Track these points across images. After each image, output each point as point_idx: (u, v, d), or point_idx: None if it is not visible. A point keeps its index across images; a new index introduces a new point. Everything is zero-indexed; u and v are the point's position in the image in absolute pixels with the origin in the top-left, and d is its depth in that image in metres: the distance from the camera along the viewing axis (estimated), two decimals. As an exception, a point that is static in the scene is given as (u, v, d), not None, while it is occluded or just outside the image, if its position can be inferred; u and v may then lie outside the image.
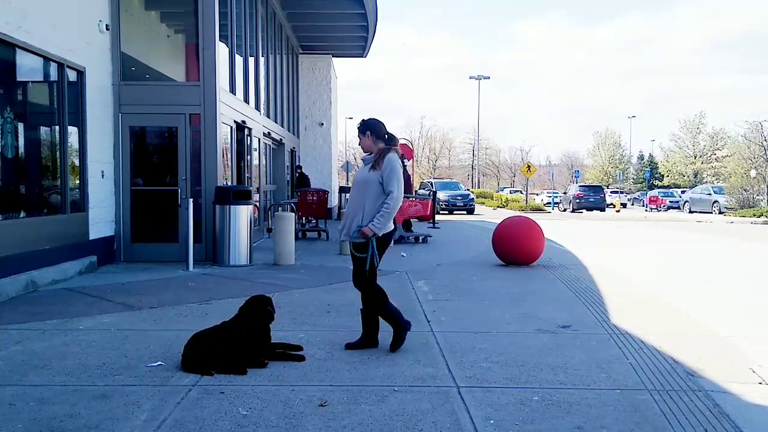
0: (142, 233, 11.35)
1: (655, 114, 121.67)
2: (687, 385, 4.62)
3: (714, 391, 4.50)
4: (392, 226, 5.52)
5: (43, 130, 9.51)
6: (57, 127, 9.39)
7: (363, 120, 5.67)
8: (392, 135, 5.65)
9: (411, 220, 16.68)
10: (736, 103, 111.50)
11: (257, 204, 15.01)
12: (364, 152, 5.64)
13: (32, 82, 9.17)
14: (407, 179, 16.38)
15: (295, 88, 23.21)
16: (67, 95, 9.47)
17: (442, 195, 30.75)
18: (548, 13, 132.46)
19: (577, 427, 3.85)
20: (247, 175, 14.69)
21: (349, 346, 5.56)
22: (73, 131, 9.76)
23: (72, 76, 9.66)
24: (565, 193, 45.72)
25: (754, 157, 37.60)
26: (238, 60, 13.90)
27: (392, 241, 5.68)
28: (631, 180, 77.45)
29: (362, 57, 26.40)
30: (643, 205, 48.14)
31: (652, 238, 18.41)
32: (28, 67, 8.79)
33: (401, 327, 5.51)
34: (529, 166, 36.35)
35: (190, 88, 11.54)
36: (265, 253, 12.00)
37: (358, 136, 5.63)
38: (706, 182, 56.65)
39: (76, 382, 4.62)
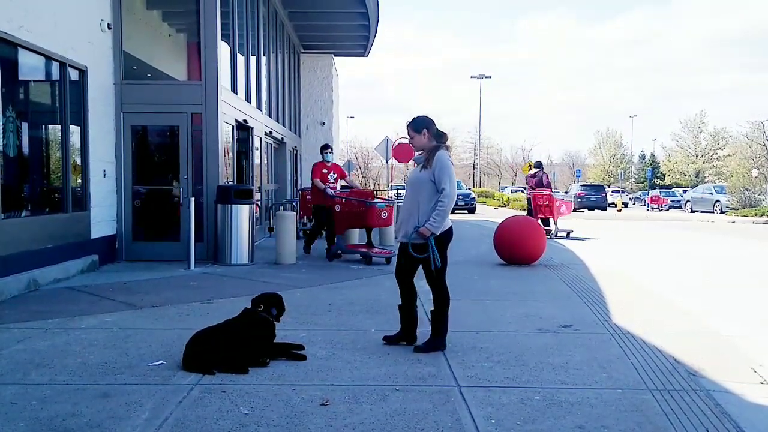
0: (144, 232, 11.36)
1: (657, 113, 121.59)
2: (688, 385, 4.62)
3: (715, 391, 4.50)
4: (449, 224, 5.46)
5: (45, 129, 9.53)
6: (59, 126, 9.40)
7: (417, 118, 5.55)
8: (442, 132, 5.56)
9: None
10: (738, 101, 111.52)
11: (258, 203, 15.01)
12: (416, 150, 5.55)
13: (34, 81, 9.18)
14: (548, 183, 17.29)
15: (296, 87, 23.21)
16: (69, 94, 9.48)
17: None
18: (549, 11, 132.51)
19: (578, 427, 3.85)
20: (250, 174, 14.72)
21: (387, 339, 5.64)
22: (74, 130, 9.77)
23: (74, 75, 9.67)
24: (566, 192, 45.68)
25: (756, 157, 37.51)
26: (240, 59, 13.91)
27: (452, 239, 5.59)
28: (633, 179, 77.37)
29: (364, 56, 26.39)
30: (645, 205, 48.05)
31: (653, 237, 18.40)
32: (30, 66, 8.80)
33: (443, 340, 5.48)
34: (530, 166, 36.23)
35: (191, 87, 11.54)
36: (266, 252, 12.01)
37: (410, 134, 5.50)
38: (708, 182, 56.55)
39: (77, 381, 4.64)
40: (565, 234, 16.79)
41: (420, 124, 5.48)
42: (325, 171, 11.73)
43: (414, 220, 5.38)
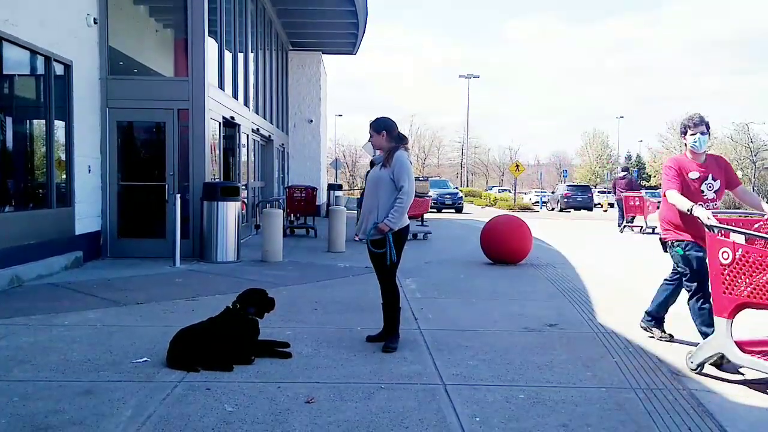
0: (129, 229, 11.28)
1: (643, 114, 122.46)
2: (671, 384, 4.65)
3: (698, 390, 4.54)
4: (407, 222, 5.59)
5: (30, 124, 9.44)
6: (43, 121, 9.32)
7: (378, 119, 5.70)
8: (403, 135, 5.73)
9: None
10: (724, 104, 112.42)
11: (245, 200, 14.97)
12: (375, 149, 5.69)
13: (19, 75, 9.08)
14: (637, 186, 18.93)
15: (284, 85, 23.15)
16: (54, 89, 9.39)
17: (431, 193, 30.77)
18: (538, 13, 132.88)
19: (562, 425, 3.87)
20: (237, 171, 14.66)
21: (370, 339, 5.67)
22: (59, 125, 9.69)
23: (59, 69, 9.58)
24: (553, 192, 45.86)
25: (741, 159, 37.90)
26: (227, 55, 13.84)
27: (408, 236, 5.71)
28: (619, 180, 77.84)
29: (352, 54, 26.38)
30: (631, 205, 48.26)
31: (638, 237, 18.50)
32: (14, 60, 8.71)
33: (396, 334, 5.55)
34: (517, 165, 36.38)
35: (178, 83, 11.48)
36: (252, 249, 11.97)
37: (371, 134, 5.64)
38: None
39: (60, 377, 4.60)
40: (650, 230, 18.35)
41: (380, 126, 5.64)
42: (694, 177, 5.58)
43: (374, 217, 5.50)
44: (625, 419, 3.98)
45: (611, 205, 48.06)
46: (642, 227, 19.21)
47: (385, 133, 5.60)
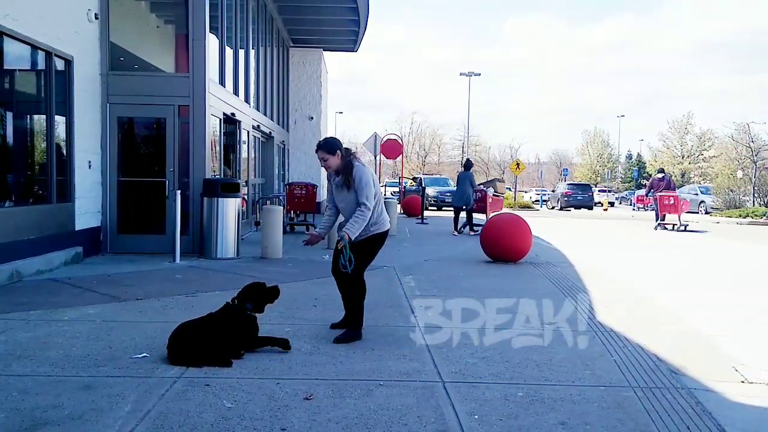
0: (129, 224, 11.27)
1: (644, 113, 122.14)
2: (670, 383, 4.66)
3: (697, 389, 4.54)
4: (387, 226, 5.70)
5: (30, 119, 9.44)
6: (44, 116, 9.32)
7: (327, 140, 5.69)
8: (348, 148, 5.73)
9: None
10: (724, 103, 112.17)
11: (245, 197, 14.96)
12: (331, 171, 5.65)
13: (19, 70, 9.07)
14: (673, 186, 20.95)
15: (285, 82, 23.13)
16: (55, 84, 9.38)
17: (431, 191, 30.68)
18: (539, 12, 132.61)
19: (560, 423, 3.87)
20: (237, 167, 14.65)
21: (334, 326, 5.83)
22: (60, 121, 9.68)
23: (60, 65, 9.57)
24: (553, 190, 45.87)
25: (741, 158, 37.88)
26: (228, 52, 13.83)
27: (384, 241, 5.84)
28: (620, 179, 77.86)
29: (353, 51, 26.35)
30: (631, 204, 48.34)
31: (638, 236, 18.51)
32: (15, 55, 8.70)
33: (358, 330, 5.69)
34: (518, 164, 36.40)
35: (179, 79, 11.47)
36: (252, 246, 11.97)
37: (323, 157, 5.58)
38: (693, 182, 56.97)
39: (59, 372, 4.60)
40: (683, 227, 19.89)
41: (333, 146, 5.61)
42: None
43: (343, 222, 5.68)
44: (623, 418, 3.98)
45: (611, 203, 48.26)
46: (675, 225, 20.02)
47: (339, 152, 5.57)
